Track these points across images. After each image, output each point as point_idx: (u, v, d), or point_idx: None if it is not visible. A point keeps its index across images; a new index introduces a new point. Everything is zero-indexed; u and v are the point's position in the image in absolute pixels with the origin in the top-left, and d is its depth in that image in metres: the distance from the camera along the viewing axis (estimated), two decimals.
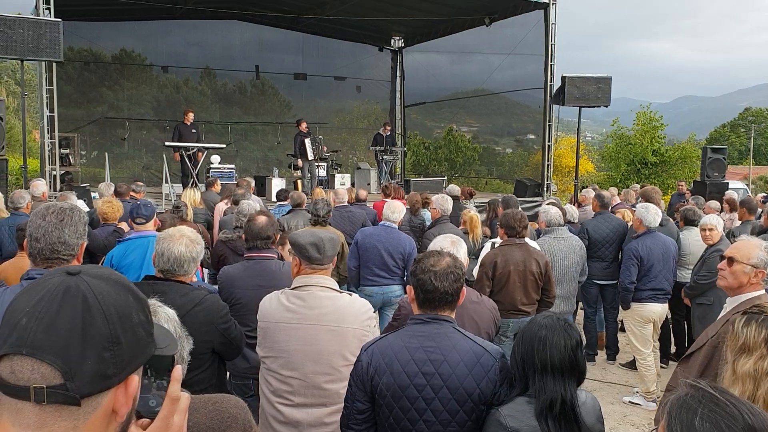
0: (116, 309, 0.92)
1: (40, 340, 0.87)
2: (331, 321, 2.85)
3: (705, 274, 5.74)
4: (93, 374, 0.88)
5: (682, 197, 11.66)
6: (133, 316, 0.95)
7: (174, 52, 17.03)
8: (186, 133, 12.30)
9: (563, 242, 5.85)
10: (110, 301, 0.92)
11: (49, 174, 10.68)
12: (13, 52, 9.13)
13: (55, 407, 0.87)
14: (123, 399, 0.93)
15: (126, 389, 0.94)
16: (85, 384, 0.88)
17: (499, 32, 15.29)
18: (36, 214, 2.58)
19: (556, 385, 2.16)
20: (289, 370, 2.86)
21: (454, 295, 2.40)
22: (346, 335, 2.86)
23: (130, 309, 0.95)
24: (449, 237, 3.61)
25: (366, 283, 5.90)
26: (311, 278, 2.93)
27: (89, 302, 0.90)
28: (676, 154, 27.63)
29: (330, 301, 2.89)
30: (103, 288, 0.93)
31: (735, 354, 2.01)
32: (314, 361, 2.84)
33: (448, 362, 2.31)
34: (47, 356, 0.86)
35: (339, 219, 7.50)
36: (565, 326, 2.26)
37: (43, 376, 0.86)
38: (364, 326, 2.90)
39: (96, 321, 0.89)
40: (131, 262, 4.21)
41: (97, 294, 0.91)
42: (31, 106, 20.15)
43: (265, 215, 4.13)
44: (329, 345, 2.84)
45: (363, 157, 18.94)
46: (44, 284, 0.92)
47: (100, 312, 0.90)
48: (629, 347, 6.46)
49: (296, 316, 2.88)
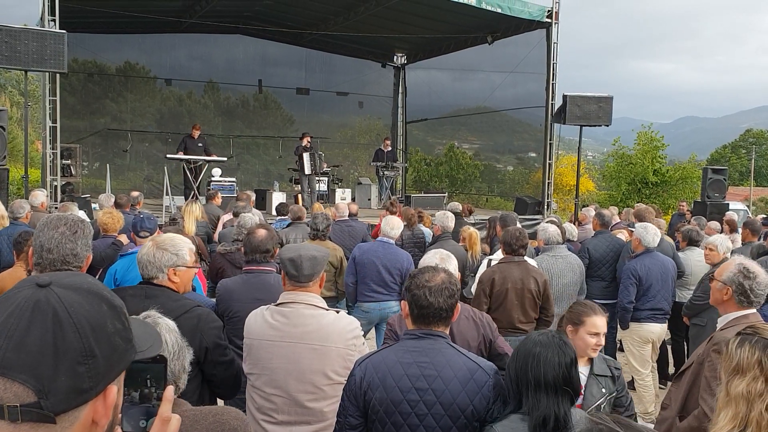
0: (89, 321, 0.89)
1: (10, 359, 0.84)
2: (315, 339, 2.82)
3: (699, 295, 5.74)
4: (68, 390, 0.86)
5: (683, 217, 11.68)
6: (107, 326, 0.92)
7: (178, 65, 17.18)
8: (192, 147, 12.54)
9: (561, 260, 5.83)
10: (82, 313, 0.89)
11: (50, 184, 10.72)
12: (17, 62, 9.23)
13: (30, 425, 0.85)
14: (102, 410, 0.92)
15: (105, 400, 0.92)
16: (60, 401, 0.86)
17: (501, 50, 15.39)
18: (47, 225, 2.61)
19: (549, 402, 2.16)
20: (272, 387, 2.85)
21: (449, 311, 2.40)
22: (330, 354, 2.83)
23: (105, 319, 0.92)
24: (439, 252, 3.63)
25: (363, 299, 5.91)
26: (297, 295, 2.90)
27: (60, 316, 0.87)
28: (677, 174, 27.65)
29: (314, 319, 2.86)
30: (74, 299, 0.90)
31: (729, 375, 2.00)
32: (297, 379, 2.82)
33: (442, 378, 2.31)
34: (18, 375, 0.84)
35: (339, 233, 7.51)
36: (560, 343, 2.26)
37: (16, 394, 0.84)
38: (348, 345, 2.86)
39: (68, 336, 0.87)
40: (135, 277, 4.12)
41: (68, 307, 0.88)
42: (34, 117, 20.29)
43: (265, 228, 4.11)
44: (312, 364, 2.82)
45: (364, 172, 19.02)
46: (13, 299, 0.89)
47: (72, 326, 0.87)
48: (627, 367, 6.36)
49: (279, 334, 2.85)
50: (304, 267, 2.88)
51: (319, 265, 2.95)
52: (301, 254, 2.91)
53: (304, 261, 2.88)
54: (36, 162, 18.57)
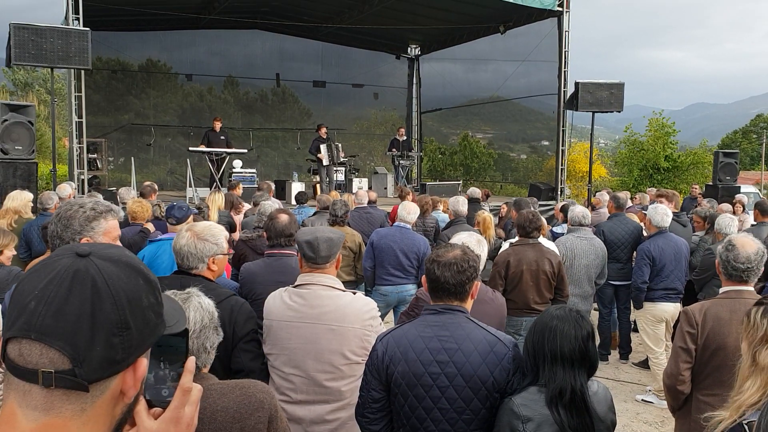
0: (126, 293, 0.89)
1: (49, 326, 0.84)
2: (332, 320, 2.85)
3: (698, 271, 5.90)
4: (102, 360, 0.86)
5: (695, 201, 11.56)
6: (143, 300, 0.92)
7: (198, 61, 17.44)
8: (214, 140, 12.75)
9: (586, 242, 5.93)
10: (120, 286, 0.89)
11: (78, 178, 10.93)
12: (44, 60, 9.40)
13: (63, 391, 0.86)
14: (131, 382, 0.92)
15: (135, 372, 0.92)
16: (93, 370, 0.86)
17: (513, 40, 15.40)
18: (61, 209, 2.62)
19: (565, 374, 2.19)
20: (291, 367, 2.88)
21: (457, 286, 2.40)
22: (347, 334, 2.86)
23: (140, 292, 0.92)
24: (475, 235, 3.63)
25: (381, 282, 5.98)
26: (313, 276, 2.94)
27: (99, 287, 0.87)
28: (689, 159, 27.52)
29: (331, 300, 2.89)
30: (112, 271, 0.90)
31: (755, 345, 1.93)
32: (315, 359, 2.85)
33: (462, 351, 2.33)
34: (56, 342, 0.84)
35: (358, 220, 7.58)
36: (577, 317, 2.28)
37: (52, 360, 0.84)
38: (365, 326, 2.88)
39: (105, 307, 0.87)
40: (162, 262, 4.15)
41: (107, 278, 0.88)
42: (61, 114, 20.64)
43: (287, 214, 4.12)
44: (330, 344, 2.85)
45: (380, 162, 19.08)
46: (53, 266, 0.89)
47: (110, 297, 0.87)
48: (642, 347, 6.52)
49: (297, 315, 2.89)
50: (321, 249, 2.90)
51: (335, 246, 2.96)
52: (318, 236, 2.93)
53: (320, 243, 2.91)
54: (63, 158, 18.86)
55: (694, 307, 3.16)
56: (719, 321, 3.02)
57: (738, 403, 1.87)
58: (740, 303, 2.98)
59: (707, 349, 3.05)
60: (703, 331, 3.05)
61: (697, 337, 3.06)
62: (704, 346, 3.05)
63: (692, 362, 3.08)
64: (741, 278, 3.06)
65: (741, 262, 3.02)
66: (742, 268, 3.02)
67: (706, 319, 3.05)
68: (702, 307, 3.12)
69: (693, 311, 3.11)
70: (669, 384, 3.15)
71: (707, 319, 3.05)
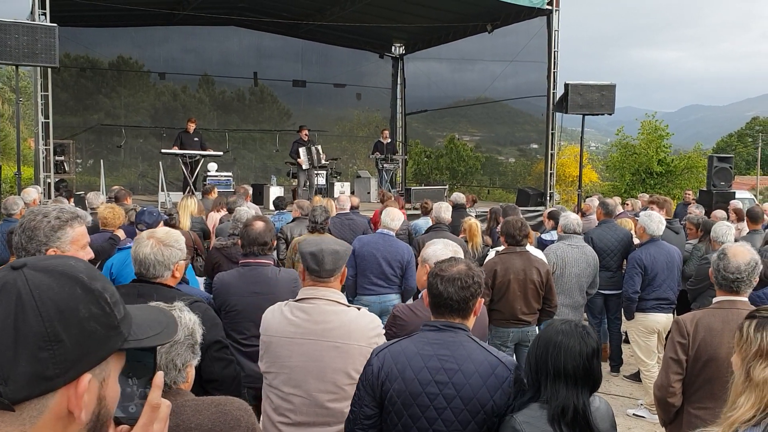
0: (55, 304, 0.86)
1: None
2: (336, 337, 2.76)
3: (692, 280, 5.83)
4: (29, 377, 0.83)
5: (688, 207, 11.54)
6: (80, 310, 0.88)
7: (171, 58, 17.10)
8: (187, 142, 12.60)
9: (577, 250, 5.87)
10: (49, 296, 0.85)
11: (44, 181, 10.72)
12: (8, 57, 9.27)
13: None
14: (74, 400, 0.87)
15: (76, 389, 0.87)
16: (20, 388, 0.82)
17: (501, 39, 15.31)
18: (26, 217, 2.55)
19: (568, 392, 2.15)
20: (290, 386, 2.78)
21: (461, 302, 2.34)
22: (352, 352, 2.76)
23: (77, 302, 0.88)
24: (452, 246, 3.47)
25: (363, 292, 5.82)
26: (317, 290, 2.83)
27: (23, 299, 0.84)
28: (682, 163, 27.43)
29: (336, 315, 2.80)
30: (42, 281, 0.86)
31: (749, 360, 1.91)
32: (317, 378, 2.76)
33: (463, 372, 2.29)
34: None
35: (339, 227, 7.40)
36: (582, 333, 2.23)
37: None
38: (371, 344, 2.75)
39: (29, 319, 0.83)
40: (132, 271, 4.19)
41: (33, 289, 0.85)
42: (26, 114, 20.35)
43: (263, 221, 4.07)
44: (333, 362, 2.76)
45: (363, 165, 19.02)
46: None
47: (34, 308, 0.84)
48: (633, 359, 6.46)
49: (299, 331, 2.78)
50: (326, 262, 2.81)
51: (341, 260, 2.88)
52: (323, 248, 2.84)
53: (326, 255, 2.82)
54: (29, 159, 18.67)
55: (686, 316, 3.17)
56: (711, 331, 3.02)
57: (731, 419, 1.84)
58: (733, 313, 2.98)
59: (698, 360, 3.04)
60: (694, 341, 3.05)
61: (688, 347, 3.06)
62: (695, 357, 3.05)
63: (683, 373, 3.08)
64: (731, 288, 3.04)
65: (731, 272, 3.01)
66: (731, 278, 3.02)
67: (697, 329, 3.05)
68: (694, 316, 3.13)
69: (685, 321, 3.12)
70: (659, 396, 3.15)
71: (699, 329, 3.05)
